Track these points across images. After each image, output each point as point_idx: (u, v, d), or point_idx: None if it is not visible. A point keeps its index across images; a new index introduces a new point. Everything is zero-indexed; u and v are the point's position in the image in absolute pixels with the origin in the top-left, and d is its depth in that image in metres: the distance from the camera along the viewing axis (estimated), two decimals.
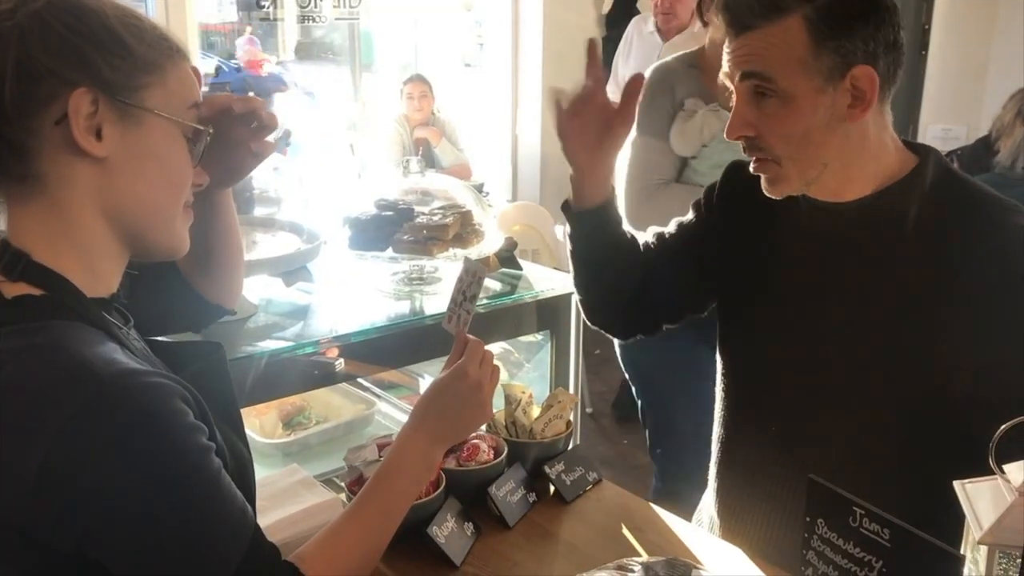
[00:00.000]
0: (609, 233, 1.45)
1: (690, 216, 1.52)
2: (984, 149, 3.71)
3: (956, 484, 0.89)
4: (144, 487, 0.80)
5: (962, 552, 0.83)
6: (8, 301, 0.85)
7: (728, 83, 1.22)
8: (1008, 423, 0.84)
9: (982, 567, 0.84)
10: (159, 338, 1.08)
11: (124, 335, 0.93)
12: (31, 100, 0.84)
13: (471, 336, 1.21)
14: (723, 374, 1.48)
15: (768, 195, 1.26)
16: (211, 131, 0.97)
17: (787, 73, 1.15)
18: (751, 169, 1.26)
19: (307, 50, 9.05)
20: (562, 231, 4.40)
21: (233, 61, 7.93)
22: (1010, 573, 0.83)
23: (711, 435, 1.52)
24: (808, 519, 0.93)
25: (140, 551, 0.82)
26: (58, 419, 0.77)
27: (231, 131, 1.07)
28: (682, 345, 1.94)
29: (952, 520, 1.15)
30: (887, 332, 1.22)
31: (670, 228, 1.54)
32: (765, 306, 1.38)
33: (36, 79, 0.84)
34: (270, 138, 1.14)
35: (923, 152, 1.27)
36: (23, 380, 0.79)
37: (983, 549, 0.83)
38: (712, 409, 1.51)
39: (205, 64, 7.56)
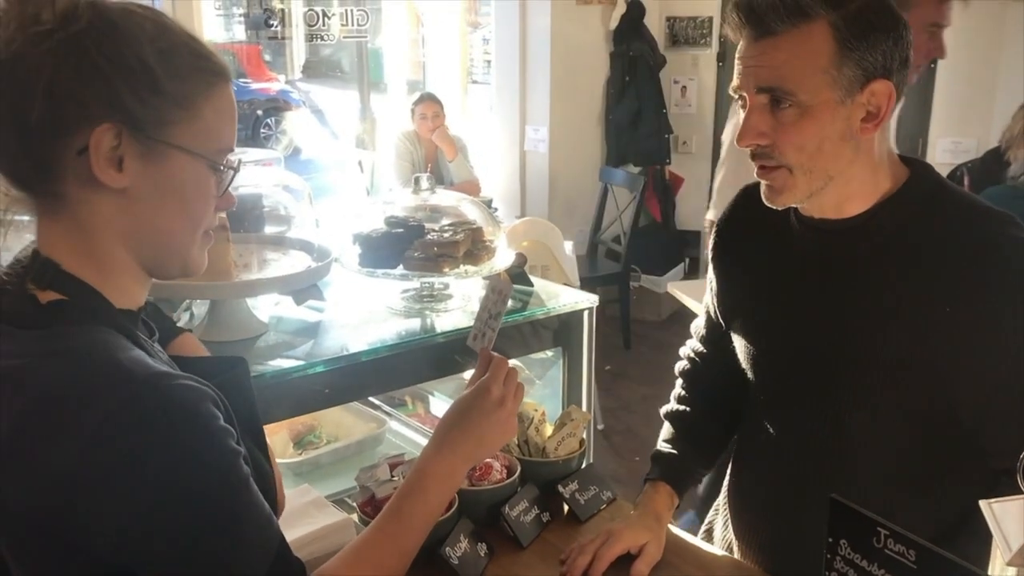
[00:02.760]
0: (702, 473, 1.54)
1: (707, 295, 1.53)
2: (994, 162, 3.69)
3: (983, 504, 0.87)
4: (177, 487, 0.80)
5: (990, 573, 0.81)
6: (43, 306, 0.87)
7: (741, 92, 1.19)
8: None
9: None
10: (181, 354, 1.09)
11: (150, 347, 0.94)
12: (57, 125, 0.85)
13: (495, 353, 1.21)
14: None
15: (768, 204, 1.23)
16: (238, 168, 0.97)
17: (807, 84, 1.12)
18: (755, 175, 1.24)
19: (315, 68, 9.11)
20: (571, 247, 4.41)
21: (242, 80, 7.98)
22: None
23: None
24: (830, 540, 0.91)
25: (170, 552, 0.82)
26: (93, 420, 0.78)
27: None
28: None
29: (972, 539, 1.13)
30: (889, 349, 1.20)
31: (701, 328, 1.57)
32: (763, 328, 1.37)
33: (64, 106, 0.84)
34: None
35: (914, 166, 1.25)
36: (59, 383, 0.80)
37: (1012, 571, 0.81)
38: None
39: None
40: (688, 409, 1.52)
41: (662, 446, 1.50)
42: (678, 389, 1.57)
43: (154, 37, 0.87)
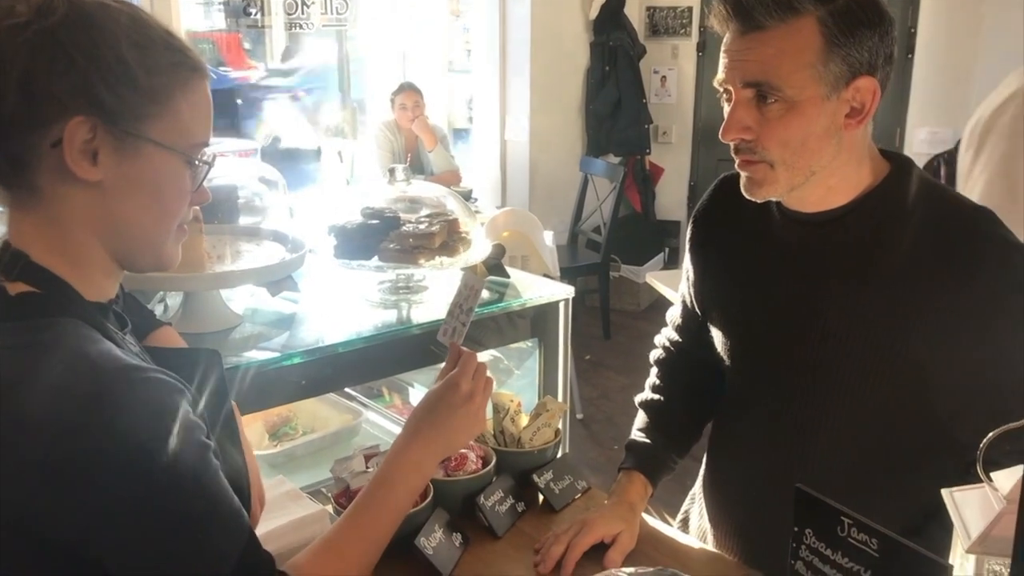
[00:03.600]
0: (674, 464, 1.52)
1: (682, 284, 1.53)
2: None
3: (944, 492, 0.89)
4: (144, 481, 0.80)
5: (950, 561, 0.82)
6: (12, 298, 0.86)
7: (727, 87, 1.19)
8: (994, 432, 0.83)
9: None
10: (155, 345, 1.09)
11: (121, 339, 0.94)
12: (31, 118, 0.84)
13: (464, 348, 1.22)
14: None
15: (748, 196, 1.24)
16: (212, 163, 0.97)
17: (794, 80, 1.12)
18: (736, 166, 1.24)
19: (296, 58, 9.03)
20: (551, 237, 4.42)
21: (222, 68, 7.91)
22: None
23: None
24: (796, 529, 0.92)
25: (138, 544, 0.82)
26: (61, 413, 0.78)
27: None
28: None
29: (939, 529, 1.15)
30: (865, 342, 1.21)
31: (676, 317, 1.57)
32: (740, 319, 1.37)
33: (38, 99, 0.84)
34: None
35: (895, 160, 1.26)
36: (29, 376, 0.80)
37: (971, 558, 0.83)
38: None
39: None
40: (662, 398, 1.53)
41: (636, 435, 1.51)
42: (653, 378, 1.58)
43: (130, 31, 0.87)
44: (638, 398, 1.57)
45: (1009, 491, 0.81)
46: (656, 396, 1.54)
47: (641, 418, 1.54)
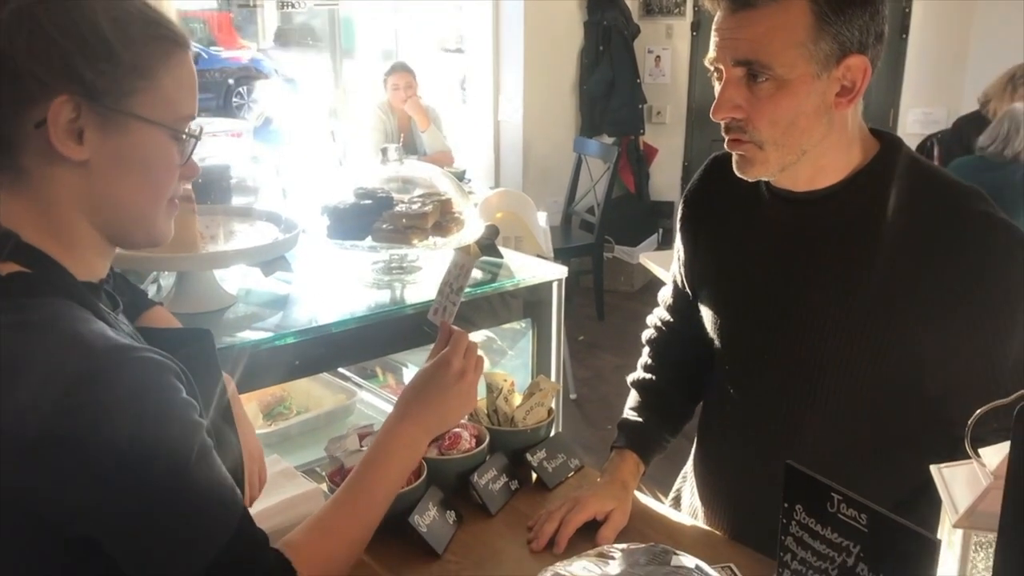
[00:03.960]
0: (664, 444, 1.52)
1: (674, 264, 1.54)
2: (965, 130, 3.72)
3: (932, 468, 0.90)
4: (136, 461, 0.80)
5: (939, 536, 0.83)
6: (3, 278, 0.86)
7: (717, 65, 1.19)
8: (982, 408, 0.84)
9: (958, 550, 0.84)
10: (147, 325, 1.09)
11: (113, 319, 0.93)
12: (12, 99, 0.84)
13: (455, 327, 1.22)
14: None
15: (739, 175, 1.24)
16: (200, 136, 0.96)
17: (784, 58, 1.13)
18: (726, 146, 1.24)
19: (287, 37, 8.99)
20: (544, 217, 4.42)
21: (213, 48, 7.86)
22: (985, 557, 0.83)
23: None
24: (786, 505, 0.93)
25: (130, 526, 0.82)
26: (53, 393, 0.77)
27: None
28: None
29: (928, 506, 1.16)
30: (854, 320, 1.22)
31: (667, 297, 1.58)
32: (730, 297, 1.38)
33: (19, 79, 0.83)
34: None
35: (885, 140, 1.26)
36: (19, 356, 0.80)
37: (959, 533, 0.84)
38: None
39: None
40: (654, 378, 1.54)
41: (628, 414, 1.52)
42: (645, 358, 1.59)
43: (108, 6, 0.86)
44: (630, 378, 1.58)
45: (996, 467, 0.82)
46: (648, 375, 1.55)
47: (633, 397, 1.55)
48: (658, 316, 1.60)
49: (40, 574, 0.86)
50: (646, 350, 1.60)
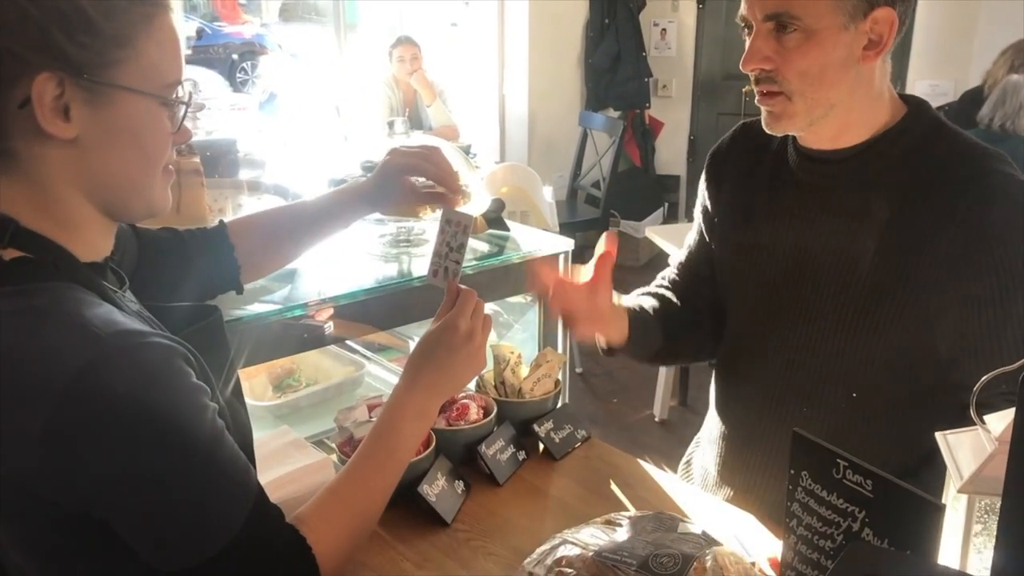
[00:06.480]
0: (652, 343, 1.50)
1: (696, 214, 1.55)
2: (972, 104, 3.71)
3: (938, 435, 0.90)
4: (147, 447, 0.80)
5: (943, 501, 0.84)
6: (5, 264, 0.85)
7: (748, 20, 1.22)
8: (988, 374, 0.85)
9: (962, 516, 0.85)
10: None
11: (119, 298, 0.93)
12: None
13: (463, 286, 1.18)
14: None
15: (768, 131, 1.27)
16: (189, 101, 0.94)
17: (813, 8, 1.15)
18: (756, 101, 1.27)
19: (291, 11, 8.93)
20: (550, 192, 4.41)
21: (216, 23, 7.82)
22: (990, 522, 0.84)
23: None
24: (792, 471, 0.94)
25: (144, 511, 0.82)
26: (61, 380, 0.77)
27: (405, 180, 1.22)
28: None
29: (932, 473, 1.17)
30: (874, 281, 1.23)
31: (690, 245, 1.58)
32: (753, 250, 1.39)
33: None
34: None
35: (913, 103, 1.28)
36: (25, 342, 0.79)
37: (963, 498, 0.84)
38: None
39: (187, 27, 7.45)
40: (659, 291, 1.57)
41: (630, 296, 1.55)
42: (656, 282, 1.61)
43: None
44: (634, 292, 1.61)
45: (1001, 432, 0.83)
46: (653, 289, 1.59)
47: (638, 293, 1.59)
48: (665, 274, 1.62)
49: (54, 558, 0.86)
50: (656, 281, 1.62)
